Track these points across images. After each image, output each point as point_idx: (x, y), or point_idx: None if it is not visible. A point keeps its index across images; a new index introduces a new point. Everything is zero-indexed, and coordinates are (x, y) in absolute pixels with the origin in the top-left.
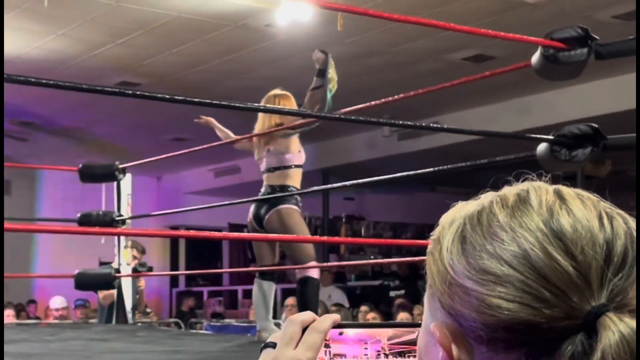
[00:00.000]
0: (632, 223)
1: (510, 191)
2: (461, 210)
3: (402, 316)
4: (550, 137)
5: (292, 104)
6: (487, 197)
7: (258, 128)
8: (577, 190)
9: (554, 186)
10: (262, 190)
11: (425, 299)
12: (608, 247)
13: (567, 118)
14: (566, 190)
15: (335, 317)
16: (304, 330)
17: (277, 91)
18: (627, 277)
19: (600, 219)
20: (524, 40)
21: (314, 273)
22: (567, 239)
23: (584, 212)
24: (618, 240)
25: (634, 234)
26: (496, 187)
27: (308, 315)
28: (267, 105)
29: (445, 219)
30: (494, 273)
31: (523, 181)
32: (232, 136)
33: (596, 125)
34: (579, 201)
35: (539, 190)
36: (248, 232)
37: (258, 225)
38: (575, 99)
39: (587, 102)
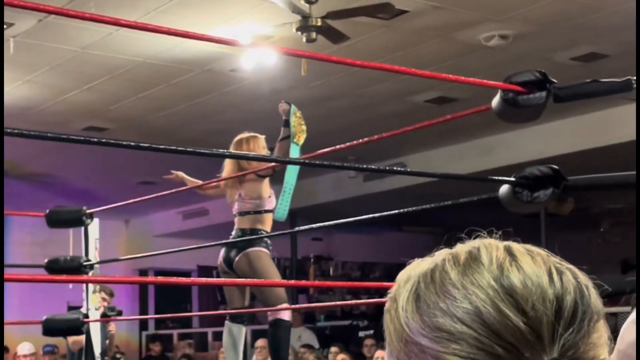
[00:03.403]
0: (582, 277)
1: (462, 249)
2: (416, 269)
3: (379, 354)
4: (512, 178)
5: (260, 144)
6: (440, 255)
7: (227, 172)
8: (527, 246)
9: (505, 243)
10: (233, 233)
11: (386, 356)
12: (558, 302)
13: (530, 157)
14: (516, 247)
15: None
16: None
17: (243, 134)
18: (578, 332)
19: (550, 274)
20: (483, 84)
21: (285, 315)
22: (517, 295)
23: (534, 268)
24: (567, 295)
25: (584, 288)
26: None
27: None
28: (233, 151)
29: (401, 277)
30: (447, 330)
31: (475, 238)
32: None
33: (556, 167)
34: (528, 257)
35: (490, 247)
36: (218, 274)
37: (228, 268)
38: (537, 138)
39: (549, 141)
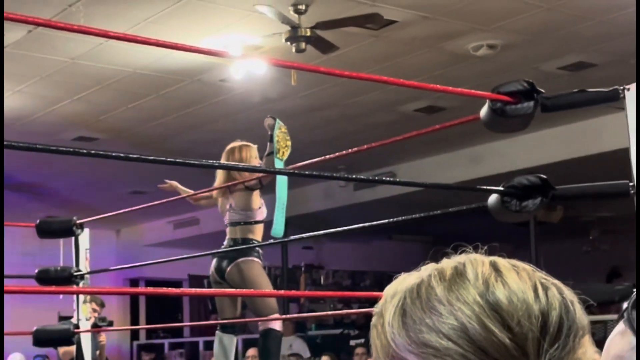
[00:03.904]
0: (567, 293)
1: (448, 264)
2: (402, 284)
3: None
4: (500, 188)
5: (252, 154)
6: (426, 270)
7: (218, 182)
8: (513, 261)
9: (490, 258)
10: (225, 243)
11: None
12: (543, 318)
13: (519, 166)
14: (502, 262)
15: None
16: None
17: (236, 143)
18: (563, 347)
19: (535, 290)
20: (472, 94)
21: (277, 325)
22: (503, 311)
23: (519, 283)
24: (553, 311)
25: (569, 303)
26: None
27: None
28: (224, 161)
29: (387, 291)
30: (433, 346)
31: (461, 253)
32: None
33: (545, 176)
34: (514, 273)
35: (475, 262)
36: (209, 284)
37: (220, 278)
38: (525, 147)
39: (537, 150)
